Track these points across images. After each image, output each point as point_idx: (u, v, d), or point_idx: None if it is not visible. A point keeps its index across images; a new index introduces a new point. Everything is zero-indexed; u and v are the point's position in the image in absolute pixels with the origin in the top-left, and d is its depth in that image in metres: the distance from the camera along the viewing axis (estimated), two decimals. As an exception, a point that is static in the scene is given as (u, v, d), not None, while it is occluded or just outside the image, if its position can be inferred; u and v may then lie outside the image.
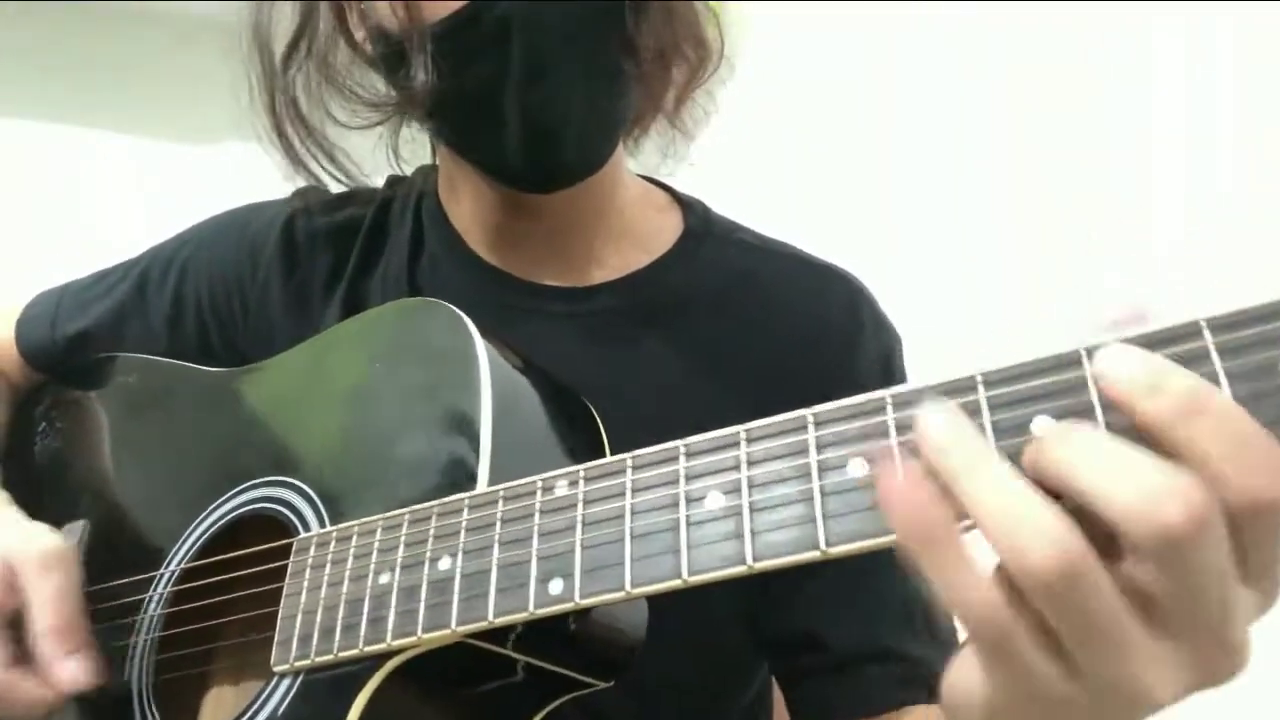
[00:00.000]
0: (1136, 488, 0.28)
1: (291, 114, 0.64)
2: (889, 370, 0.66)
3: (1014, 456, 0.32)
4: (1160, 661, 0.30)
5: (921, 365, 0.66)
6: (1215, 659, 0.30)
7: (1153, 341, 0.31)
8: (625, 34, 0.58)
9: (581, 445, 0.55)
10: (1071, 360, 0.33)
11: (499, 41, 0.55)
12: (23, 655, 0.53)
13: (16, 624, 0.53)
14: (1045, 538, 0.28)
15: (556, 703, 0.49)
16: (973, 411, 0.33)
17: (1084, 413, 0.32)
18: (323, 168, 0.66)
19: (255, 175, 0.67)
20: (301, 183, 0.68)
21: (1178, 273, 1.15)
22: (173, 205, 0.79)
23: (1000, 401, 0.33)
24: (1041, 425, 0.32)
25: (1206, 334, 0.31)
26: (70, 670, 0.52)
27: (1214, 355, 0.30)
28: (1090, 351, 0.32)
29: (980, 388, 0.34)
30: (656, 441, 0.41)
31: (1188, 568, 0.28)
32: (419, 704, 0.47)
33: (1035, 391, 0.33)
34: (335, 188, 0.73)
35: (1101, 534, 0.29)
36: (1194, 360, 0.30)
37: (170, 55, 2.22)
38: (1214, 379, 0.30)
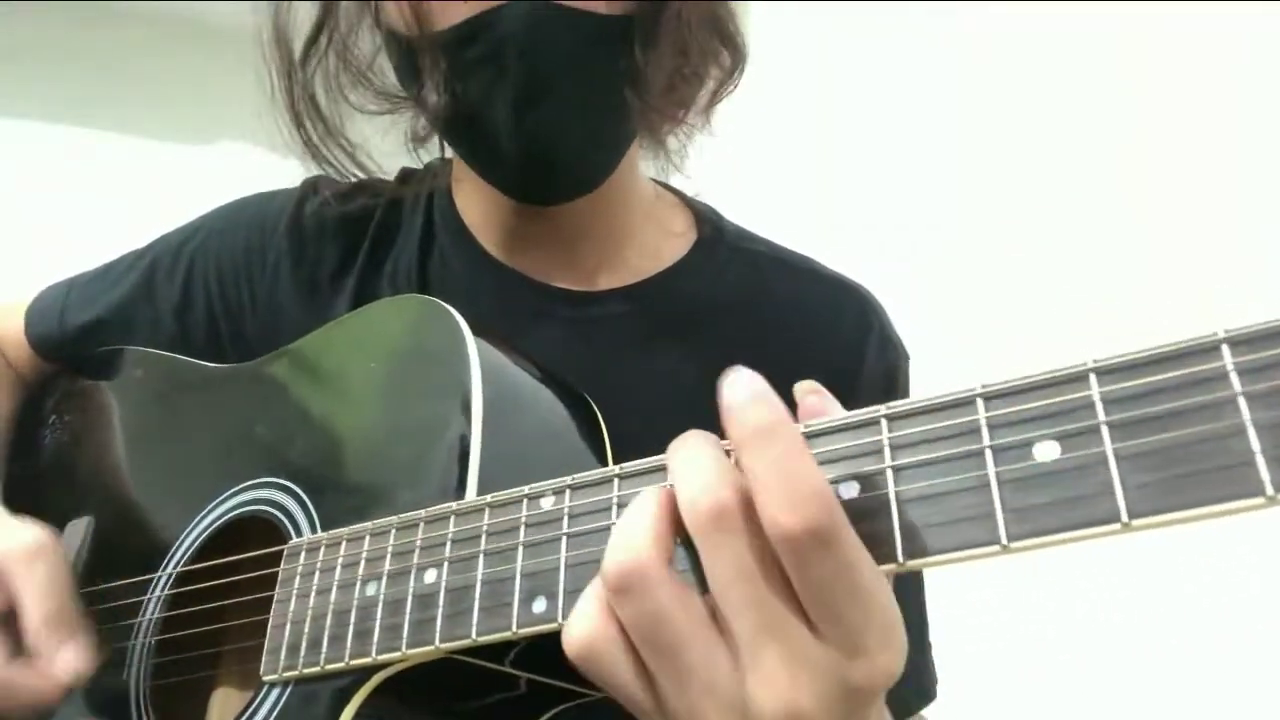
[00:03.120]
0: (695, 472, 0.32)
1: (310, 110, 0.64)
2: (890, 389, 0.65)
3: (1015, 480, 0.30)
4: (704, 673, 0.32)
5: (924, 373, 0.64)
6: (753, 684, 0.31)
7: (1166, 357, 0.29)
8: (632, 63, 0.56)
9: (581, 445, 0.53)
10: (1076, 377, 0.30)
11: (495, 61, 0.53)
12: (20, 650, 0.53)
13: (10, 622, 0.53)
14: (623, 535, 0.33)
15: (551, 713, 0.48)
16: (972, 431, 0.32)
17: (1089, 434, 0.30)
18: (339, 162, 0.66)
19: (253, 174, 0.67)
20: (315, 172, 0.67)
21: (1185, 279, 1.11)
22: (171, 205, 0.78)
23: (1000, 421, 0.31)
24: (1044, 450, 0.30)
25: (1225, 350, 0.28)
26: (66, 660, 0.51)
27: (1232, 376, 0.28)
28: (1097, 367, 0.30)
29: (980, 403, 0.32)
30: (663, 451, 0.39)
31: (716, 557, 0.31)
32: (408, 717, 0.46)
33: (1037, 412, 0.30)
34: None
35: None
36: (1209, 381, 0.28)
37: (170, 55, 2.23)
38: (1231, 401, 0.28)
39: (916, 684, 0.62)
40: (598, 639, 0.34)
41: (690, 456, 0.33)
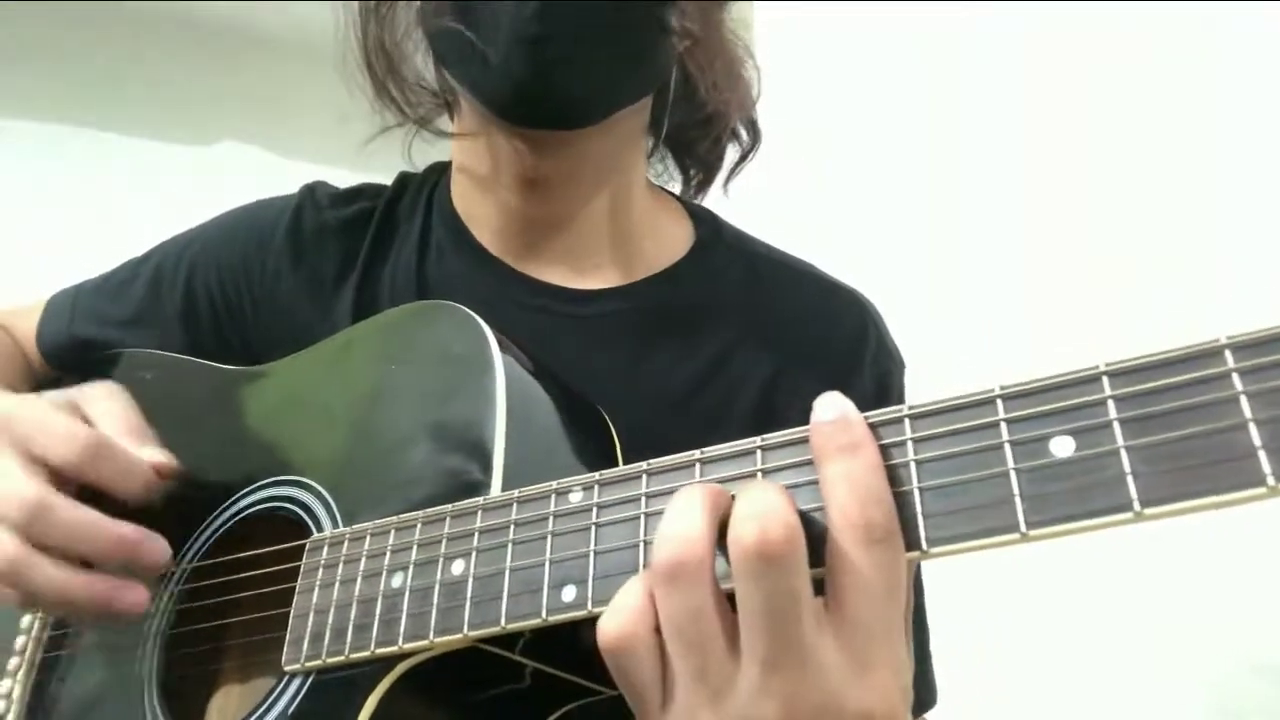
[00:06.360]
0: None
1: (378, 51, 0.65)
2: (883, 396, 0.66)
3: (1032, 472, 0.32)
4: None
5: (936, 378, 0.66)
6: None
7: (1173, 360, 0.31)
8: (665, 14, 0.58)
9: (594, 452, 0.55)
10: (1089, 378, 0.33)
11: None
12: None
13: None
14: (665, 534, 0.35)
15: (564, 709, 0.49)
16: (992, 428, 0.34)
17: (1102, 430, 0.32)
18: (405, 101, 0.66)
19: (253, 174, 0.68)
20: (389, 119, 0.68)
21: (1192, 286, 1.14)
22: (172, 205, 0.79)
23: (1018, 419, 0.33)
24: (1060, 445, 0.32)
25: (1228, 355, 0.31)
26: (150, 455, 0.56)
27: (1235, 378, 0.30)
28: (1109, 370, 0.32)
29: (999, 402, 0.34)
30: (657, 450, 0.41)
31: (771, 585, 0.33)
32: (428, 708, 0.47)
33: (1054, 410, 0.33)
34: (346, 177, 0.74)
35: None
36: (1213, 382, 0.30)
37: (170, 55, 2.25)
38: (1234, 400, 0.30)
39: (915, 693, 0.63)
40: (633, 629, 0.36)
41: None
